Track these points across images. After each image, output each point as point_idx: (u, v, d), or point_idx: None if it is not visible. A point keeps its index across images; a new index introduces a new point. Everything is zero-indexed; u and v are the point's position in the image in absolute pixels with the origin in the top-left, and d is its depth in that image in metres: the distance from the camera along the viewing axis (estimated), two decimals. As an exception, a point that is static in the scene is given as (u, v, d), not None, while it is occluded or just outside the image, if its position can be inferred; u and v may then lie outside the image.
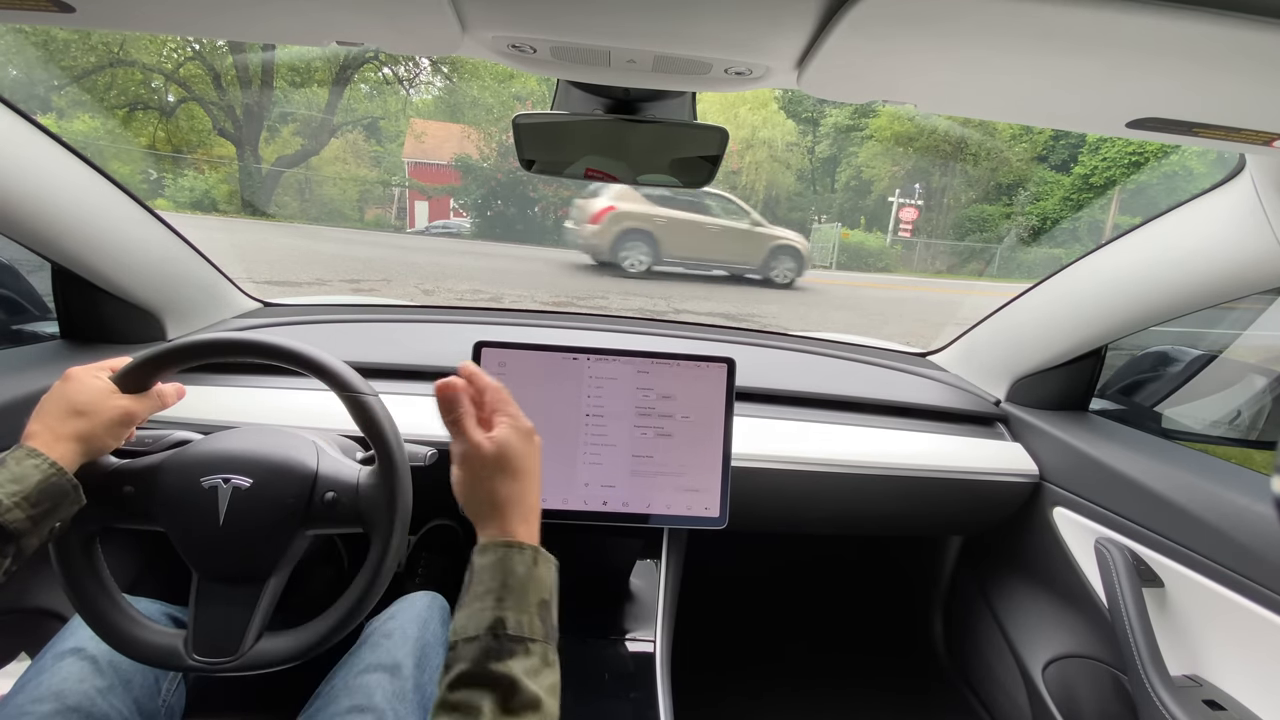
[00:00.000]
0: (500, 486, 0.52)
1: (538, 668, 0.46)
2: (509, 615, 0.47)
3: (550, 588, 0.51)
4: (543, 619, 0.48)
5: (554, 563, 0.53)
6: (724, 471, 0.89)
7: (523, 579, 0.49)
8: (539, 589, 0.49)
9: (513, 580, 0.48)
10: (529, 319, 1.44)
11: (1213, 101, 0.51)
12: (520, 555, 0.50)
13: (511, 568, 0.49)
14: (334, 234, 14.48)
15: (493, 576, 0.48)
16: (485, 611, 0.47)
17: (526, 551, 0.50)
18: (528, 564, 0.50)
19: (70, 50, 12.49)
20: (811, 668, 1.45)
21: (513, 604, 0.47)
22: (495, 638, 0.45)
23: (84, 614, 0.64)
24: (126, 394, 0.64)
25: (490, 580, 0.48)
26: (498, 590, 0.48)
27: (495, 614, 0.46)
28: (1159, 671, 0.83)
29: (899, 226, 20.42)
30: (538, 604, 0.49)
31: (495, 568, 0.49)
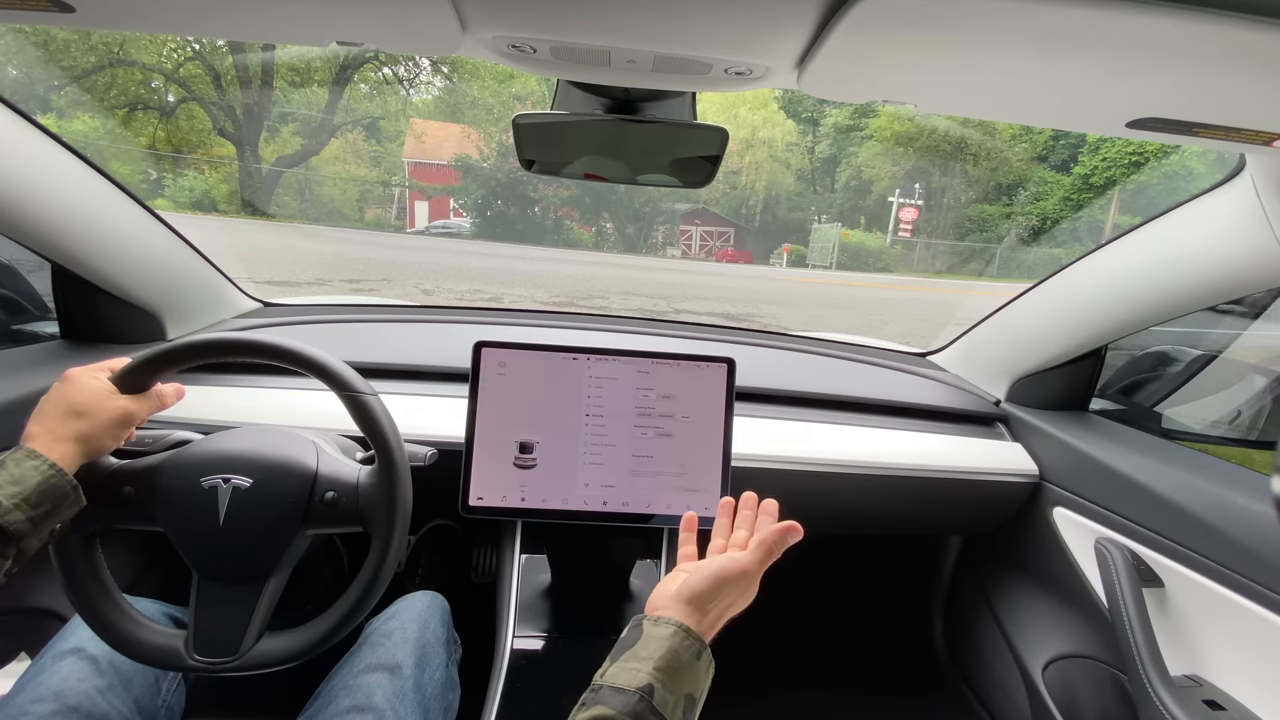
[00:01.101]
0: (722, 605, 0.56)
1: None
2: (658, 689, 0.47)
3: (702, 687, 0.52)
4: (686, 712, 0.49)
5: (713, 667, 0.53)
6: (724, 471, 0.89)
7: (685, 664, 0.50)
8: (693, 682, 0.50)
9: (676, 660, 0.50)
10: (529, 319, 1.44)
11: (1213, 101, 0.51)
12: (689, 641, 0.51)
13: (679, 648, 0.50)
14: (334, 234, 14.50)
15: (661, 647, 0.50)
16: (642, 674, 0.48)
17: (695, 642, 0.52)
18: (692, 654, 0.51)
19: (70, 50, 12.49)
20: (811, 667, 1.45)
21: (667, 680, 0.48)
22: (641, 700, 0.46)
23: (84, 614, 0.64)
24: (126, 394, 0.64)
25: (657, 650, 0.50)
26: (659, 660, 0.49)
27: (650, 680, 0.48)
28: (1159, 671, 0.83)
29: (899, 226, 20.44)
30: (686, 696, 0.49)
31: (666, 641, 0.50)
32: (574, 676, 0.86)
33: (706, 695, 0.52)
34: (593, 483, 0.88)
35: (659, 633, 0.51)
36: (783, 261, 20.51)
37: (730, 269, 17.13)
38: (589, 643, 0.92)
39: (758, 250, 21.82)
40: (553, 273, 10.74)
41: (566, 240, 19.73)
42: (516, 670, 0.86)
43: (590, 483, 0.88)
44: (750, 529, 0.65)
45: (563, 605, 0.98)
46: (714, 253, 21.68)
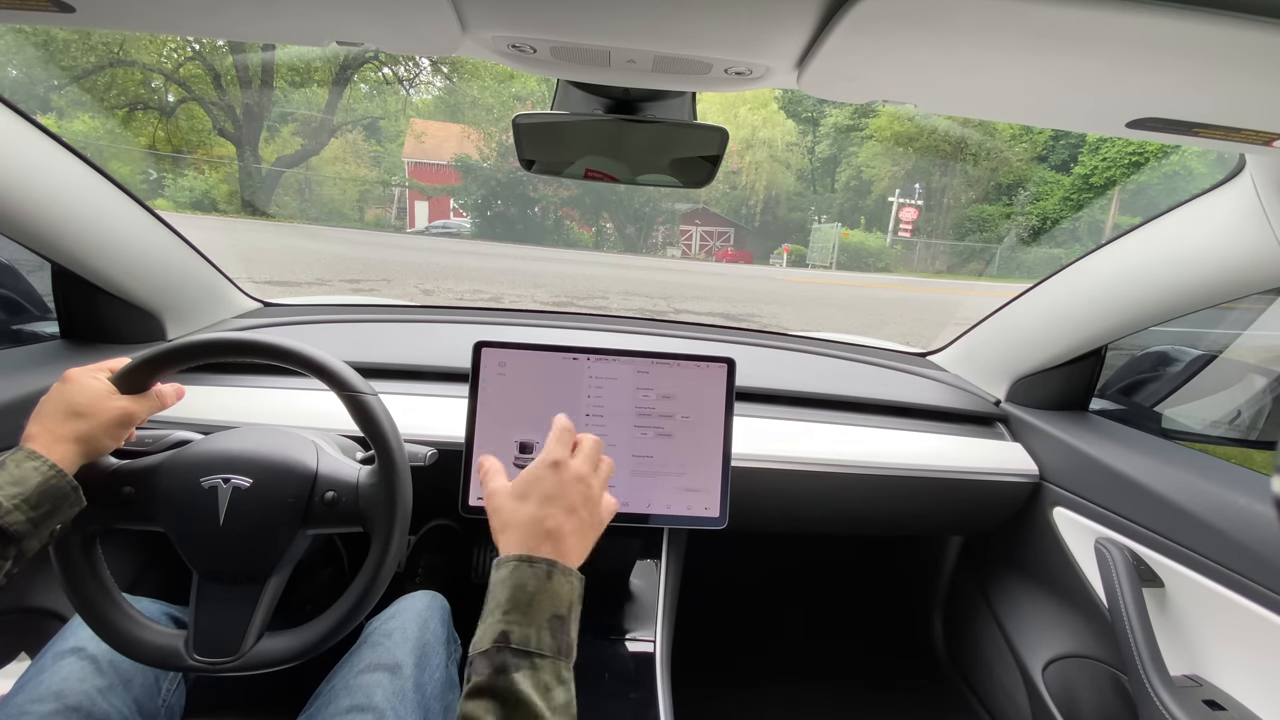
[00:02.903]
0: (534, 510, 0.54)
1: (547, 684, 0.46)
2: (514, 629, 0.47)
3: (567, 602, 0.50)
4: (555, 634, 0.48)
5: (575, 577, 0.52)
6: (724, 471, 0.89)
7: (532, 593, 0.49)
8: (552, 603, 0.49)
9: (521, 594, 0.49)
10: (529, 319, 1.44)
11: (1213, 101, 0.51)
12: (532, 569, 0.50)
13: (521, 581, 0.49)
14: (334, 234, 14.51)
15: (503, 589, 0.49)
16: (494, 625, 0.47)
17: (539, 565, 0.50)
18: (540, 578, 0.50)
19: (70, 50, 12.50)
20: (811, 667, 1.45)
21: (518, 618, 0.47)
22: (499, 651, 0.46)
23: (84, 614, 0.64)
24: (125, 395, 0.64)
25: (500, 593, 0.49)
26: (505, 603, 0.48)
27: (501, 627, 0.47)
28: (1159, 671, 0.83)
29: (899, 226, 20.44)
30: (549, 619, 0.48)
31: (505, 581, 0.49)
32: (574, 676, 0.86)
33: (576, 611, 0.51)
34: (593, 483, 0.88)
35: (498, 576, 0.50)
36: (783, 261, 20.52)
37: (730, 269, 17.13)
38: (589, 643, 0.92)
39: (758, 250, 21.83)
40: (553, 273, 10.74)
41: (566, 240, 19.73)
42: (516, 670, 0.86)
43: (590, 483, 0.88)
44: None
45: None
46: (714, 253, 21.69)
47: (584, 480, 0.57)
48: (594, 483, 0.58)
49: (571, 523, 0.54)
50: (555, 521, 0.54)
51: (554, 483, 0.56)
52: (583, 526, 0.56)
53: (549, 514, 0.54)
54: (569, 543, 0.53)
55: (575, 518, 0.55)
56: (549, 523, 0.53)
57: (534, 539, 0.52)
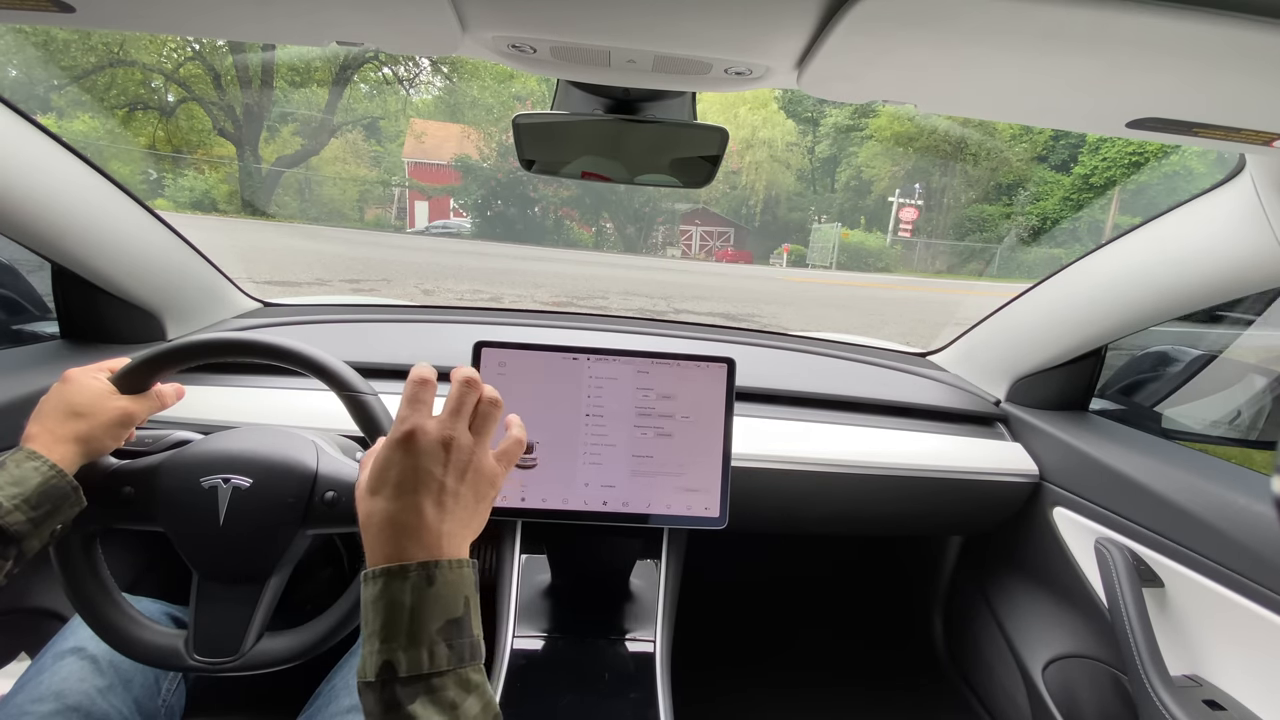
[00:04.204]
0: (389, 505, 0.45)
1: (453, 701, 0.40)
2: (399, 656, 0.40)
3: (458, 601, 0.43)
4: (451, 642, 0.42)
5: (466, 566, 0.45)
6: (724, 471, 0.89)
7: (412, 608, 0.41)
8: (441, 610, 0.42)
9: (398, 614, 0.41)
10: (529, 319, 1.44)
11: (1213, 101, 0.51)
12: (405, 581, 0.42)
13: (396, 599, 0.42)
14: (334, 234, 14.51)
15: (376, 614, 0.42)
16: (374, 655, 0.41)
17: (414, 574, 0.42)
18: (418, 589, 0.42)
19: (70, 50, 12.50)
20: (812, 668, 1.45)
21: (402, 642, 0.41)
22: (384, 686, 0.40)
23: (84, 614, 0.64)
24: (125, 395, 0.64)
25: (374, 619, 0.42)
26: (382, 630, 0.41)
27: (383, 658, 0.40)
28: (1159, 671, 0.83)
29: (899, 226, 20.45)
30: (440, 628, 0.42)
31: (377, 603, 0.42)
32: (574, 676, 0.86)
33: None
34: (592, 483, 0.88)
35: (367, 595, 0.43)
36: (783, 261, 20.53)
37: (730, 269, 17.13)
38: (589, 643, 0.92)
39: (758, 250, 21.83)
40: (553, 273, 10.74)
41: (566, 240, 19.74)
42: (516, 670, 0.86)
43: (590, 483, 0.88)
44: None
45: (562, 605, 0.98)
46: (714, 253, 21.70)
47: (450, 445, 0.46)
48: (465, 440, 0.47)
49: (441, 508, 0.45)
50: (414, 515, 0.44)
51: (406, 465, 0.45)
52: (461, 504, 0.46)
53: (405, 507, 0.44)
54: (443, 530, 0.44)
55: (446, 498, 0.45)
56: (407, 518, 0.44)
57: (396, 540, 0.43)
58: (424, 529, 0.44)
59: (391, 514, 0.44)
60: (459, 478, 0.46)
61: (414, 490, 0.44)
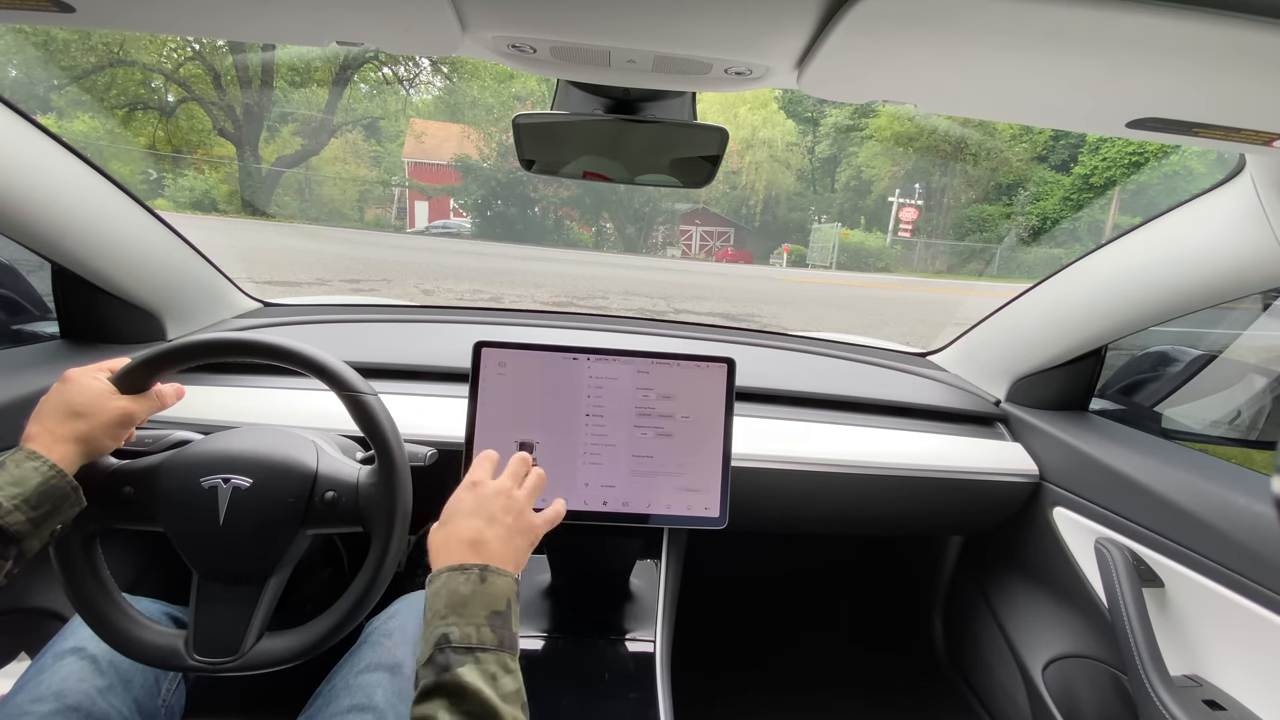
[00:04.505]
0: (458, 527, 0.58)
1: (494, 674, 0.48)
2: (454, 630, 0.49)
3: (504, 598, 0.53)
4: (495, 629, 0.51)
5: (510, 576, 0.55)
6: (724, 471, 0.89)
7: (467, 596, 0.51)
8: (489, 602, 0.52)
9: (456, 599, 0.51)
10: (529, 319, 1.44)
11: (1213, 101, 0.51)
12: (464, 575, 0.53)
13: (455, 589, 0.52)
14: (334, 234, 14.51)
15: (439, 599, 0.52)
16: (434, 632, 0.50)
17: (471, 571, 0.53)
18: (473, 582, 0.53)
19: (70, 50, 12.50)
20: (812, 668, 1.45)
21: (456, 619, 0.50)
22: (441, 652, 0.48)
23: (84, 614, 0.64)
24: (125, 395, 0.64)
25: (436, 603, 0.52)
26: (442, 610, 0.51)
27: (441, 630, 0.49)
28: (1159, 671, 0.83)
29: (899, 226, 20.45)
30: (487, 615, 0.51)
31: (440, 591, 0.52)
32: (574, 676, 0.86)
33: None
34: (593, 483, 0.88)
35: (432, 589, 0.53)
36: (783, 261, 20.52)
37: (730, 269, 17.13)
38: (589, 643, 0.92)
39: (758, 250, 21.83)
40: (553, 273, 10.74)
41: (566, 240, 19.73)
42: (516, 670, 0.86)
43: (590, 483, 0.88)
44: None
45: (563, 605, 0.98)
46: (714, 253, 21.69)
47: (504, 493, 0.61)
48: (516, 494, 0.62)
49: (494, 530, 0.58)
50: (476, 531, 0.57)
51: (471, 500, 0.60)
52: (508, 532, 0.59)
53: (468, 525, 0.57)
54: (494, 547, 0.56)
55: (497, 525, 0.58)
56: (469, 533, 0.57)
57: (459, 550, 0.55)
58: (481, 542, 0.57)
59: (458, 532, 0.57)
60: (507, 513, 0.60)
61: (475, 515, 0.59)
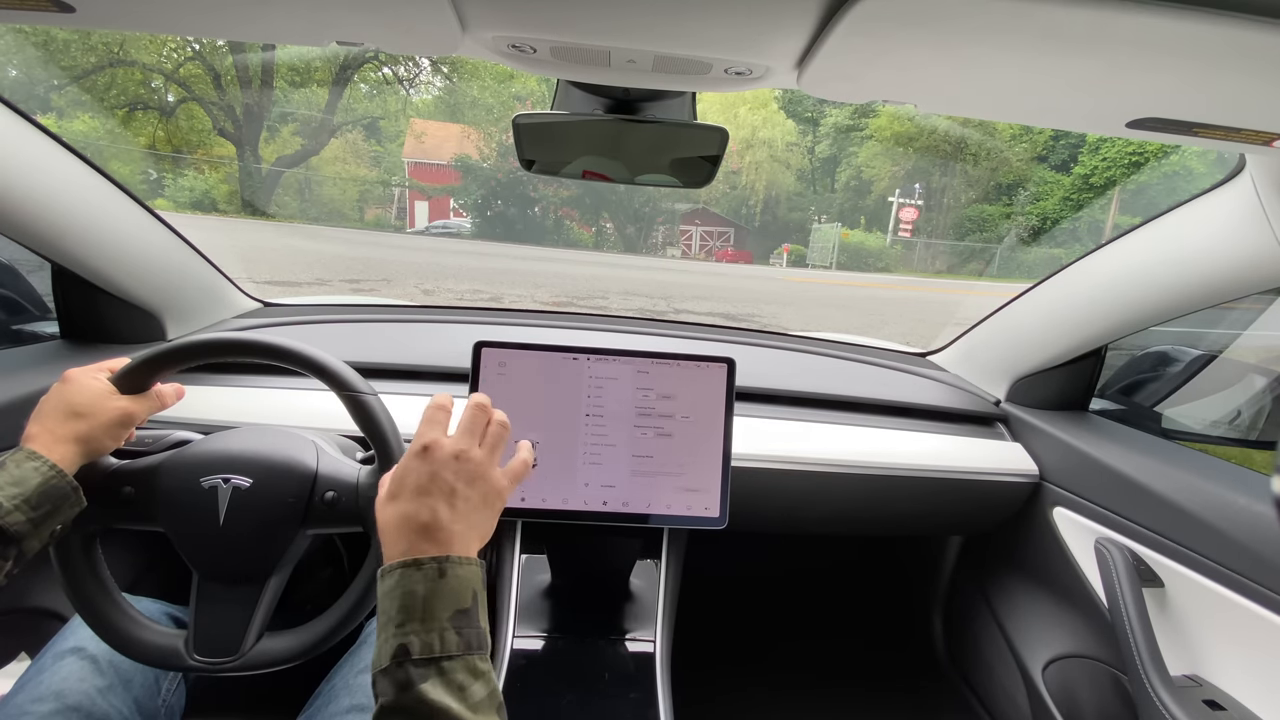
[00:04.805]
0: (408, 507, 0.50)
1: (461, 684, 0.44)
2: (413, 640, 0.44)
3: (468, 592, 0.47)
4: (460, 630, 0.46)
5: (474, 563, 0.49)
6: (724, 471, 0.89)
7: (425, 597, 0.46)
8: (452, 600, 0.46)
9: (412, 601, 0.45)
10: (529, 319, 1.44)
11: (1213, 101, 0.51)
12: (419, 573, 0.46)
13: (411, 588, 0.46)
14: (334, 234, 14.52)
15: (392, 602, 0.46)
16: (390, 640, 0.44)
17: (428, 566, 0.47)
18: (431, 579, 0.46)
19: (70, 50, 12.50)
20: (812, 668, 1.45)
21: (415, 627, 0.45)
22: (399, 666, 0.43)
23: (84, 614, 0.64)
24: (125, 395, 0.64)
25: (390, 606, 0.46)
26: (397, 616, 0.45)
27: (398, 641, 0.44)
28: (1159, 671, 0.83)
29: (899, 226, 20.46)
30: (450, 616, 0.46)
31: (393, 593, 0.46)
32: (574, 676, 0.86)
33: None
34: (593, 483, 0.88)
35: (384, 588, 0.47)
36: (783, 261, 20.52)
37: (730, 269, 17.13)
38: (589, 643, 0.92)
39: (758, 250, 21.83)
40: (553, 273, 10.74)
41: (566, 240, 19.74)
42: (516, 670, 0.86)
43: (590, 483, 0.88)
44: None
45: (563, 605, 0.98)
46: (714, 253, 21.70)
47: (462, 457, 0.52)
48: (475, 454, 0.53)
49: (452, 509, 0.50)
50: (429, 514, 0.49)
51: (423, 472, 0.51)
52: (470, 507, 0.51)
53: (420, 507, 0.49)
54: (455, 530, 0.49)
55: (457, 501, 0.50)
56: (422, 516, 0.49)
57: (411, 538, 0.48)
58: (437, 527, 0.49)
59: (408, 514, 0.49)
60: (469, 484, 0.52)
61: (429, 493, 0.50)
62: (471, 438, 0.54)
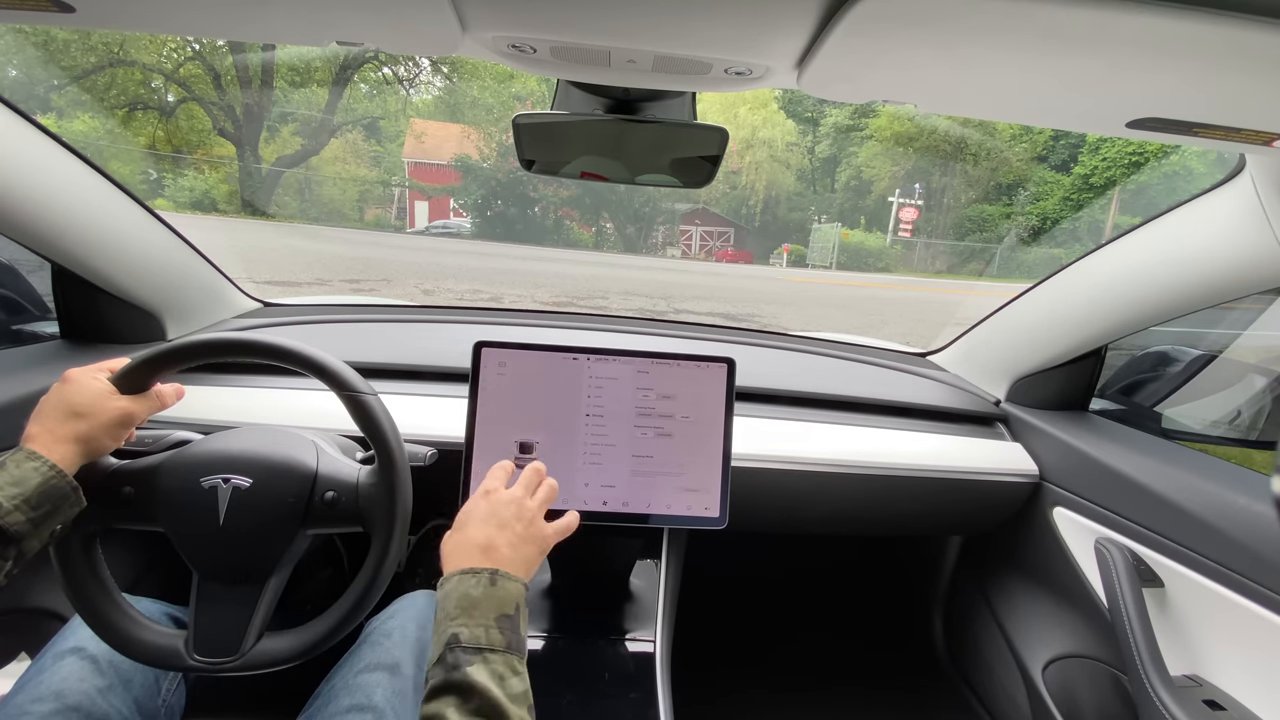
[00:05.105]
0: (471, 533, 0.61)
1: (501, 674, 0.49)
2: (463, 630, 0.51)
3: (513, 602, 0.55)
4: (504, 631, 0.52)
5: (520, 581, 0.57)
6: (724, 471, 0.89)
7: (477, 599, 0.53)
8: (498, 605, 0.53)
9: (467, 601, 0.53)
10: (529, 319, 1.44)
11: (1213, 101, 0.51)
12: (474, 579, 0.55)
13: (465, 591, 0.54)
14: (334, 234, 14.52)
15: (450, 601, 0.53)
16: (444, 632, 0.51)
17: (482, 574, 0.55)
18: (483, 585, 0.54)
19: (70, 50, 12.49)
20: (811, 668, 1.45)
21: (466, 620, 0.52)
22: (451, 651, 0.50)
23: (84, 614, 0.64)
24: (125, 395, 0.64)
25: (447, 605, 0.53)
26: (453, 612, 0.52)
27: (451, 630, 0.51)
28: (1159, 671, 0.83)
29: (899, 226, 20.45)
30: (496, 618, 0.53)
31: (451, 594, 0.54)
32: (574, 676, 0.86)
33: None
34: (593, 483, 0.88)
35: (443, 592, 0.55)
36: (783, 261, 20.52)
37: (730, 269, 17.13)
38: (589, 643, 0.92)
39: (758, 250, 21.83)
40: (553, 273, 10.74)
41: (566, 240, 19.73)
42: (516, 670, 0.86)
43: (590, 483, 0.88)
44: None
45: (563, 605, 0.98)
46: (714, 253, 21.69)
47: (516, 501, 0.63)
48: (528, 503, 0.64)
49: (505, 536, 0.60)
50: (487, 537, 0.59)
51: (484, 507, 0.62)
52: (518, 539, 0.61)
53: (480, 532, 0.60)
54: (504, 553, 0.58)
55: (508, 531, 0.60)
56: (481, 539, 0.59)
57: (471, 555, 0.57)
58: (492, 547, 0.59)
59: (470, 537, 0.59)
60: (518, 519, 0.62)
61: (487, 523, 0.61)
62: (526, 491, 0.66)
